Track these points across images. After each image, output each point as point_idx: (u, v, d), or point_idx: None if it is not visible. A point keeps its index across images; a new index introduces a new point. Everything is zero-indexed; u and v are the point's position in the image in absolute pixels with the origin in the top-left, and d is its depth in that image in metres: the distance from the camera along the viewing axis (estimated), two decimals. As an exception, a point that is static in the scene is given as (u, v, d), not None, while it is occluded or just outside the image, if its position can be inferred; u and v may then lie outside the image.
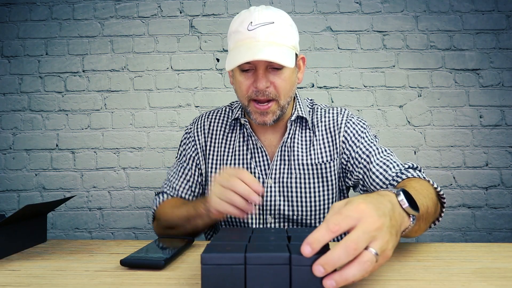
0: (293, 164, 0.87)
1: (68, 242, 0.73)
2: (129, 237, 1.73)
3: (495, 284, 0.46)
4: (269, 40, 0.74)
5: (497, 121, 1.71)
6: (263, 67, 0.77)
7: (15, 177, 1.75)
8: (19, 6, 1.78)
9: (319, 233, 0.40)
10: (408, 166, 0.79)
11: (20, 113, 1.76)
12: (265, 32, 0.74)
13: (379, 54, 1.74)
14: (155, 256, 0.55)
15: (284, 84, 0.79)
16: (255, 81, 0.77)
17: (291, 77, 0.81)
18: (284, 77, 0.79)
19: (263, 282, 0.41)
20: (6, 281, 0.50)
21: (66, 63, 1.77)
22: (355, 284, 0.46)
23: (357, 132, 0.88)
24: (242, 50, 0.74)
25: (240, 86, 0.81)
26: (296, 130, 0.90)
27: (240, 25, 0.77)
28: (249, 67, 0.78)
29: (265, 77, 0.77)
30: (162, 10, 1.78)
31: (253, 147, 0.89)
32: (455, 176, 1.70)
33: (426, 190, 0.65)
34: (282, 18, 0.78)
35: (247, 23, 0.76)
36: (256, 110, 0.80)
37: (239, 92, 0.82)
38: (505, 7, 1.73)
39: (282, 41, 0.76)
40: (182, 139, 0.99)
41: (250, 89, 0.79)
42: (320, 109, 0.94)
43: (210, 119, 0.97)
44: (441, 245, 0.68)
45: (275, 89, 0.79)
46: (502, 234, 1.68)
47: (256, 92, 0.78)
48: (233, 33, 0.79)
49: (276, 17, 0.76)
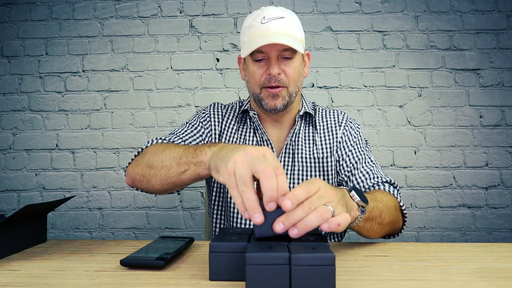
0: (296, 158, 0.92)
1: (68, 242, 0.73)
2: (129, 237, 1.73)
3: (495, 284, 0.46)
4: (281, 31, 0.82)
5: (497, 121, 1.71)
6: (275, 56, 0.84)
7: (15, 177, 1.75)
8: (19, 6, 1.78)
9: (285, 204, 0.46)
10: (386, 180, 0.86)
11: (20, 113, 1.76)
12: (277, 24, 0.83)
13: (379, 54, 1.74)
14: (155, 256, 0.55)
15: (294, 73, 0.86)
16: (268, 68, 0.84)
17: (300, 67, 0.89)
18: (294, 66, 0.86)
19: (263, 282, 0.41)
20: (6, 281, 0.50)
21: (66, 63, 1.77)
22: (355, 285, 0.47)
23: (352, 136, 0.95)
24: (257, 39, 0.82)
25: (253, 75, 0.87)
26: (302, 126, 0.96)
27: (253, 20, 0.85)
28: (262, 57, 0.85)
29: (277, 64, 0.84)
30: (162, 10, 1.78)
31: (260, 139, 0.94)
32: (455, 176, 1.70)
33: (386, 201, 0.73)
34: (291, 15, 0.87)
35: (260, 18, 0.84)
36: (267, 94, 0.86)
37: (252, 80, 0.88)
38: (505, 7, 1.73)
39: (291, 33, 0.84)
40: (196, 115, 0.99)
41: (263, 77, 0.86)
42: (321, 110, 1.01)
43: (224, 109, 1.01)
44: (441, 245, 0.68)
45: (286, 77, 0.86)
46: (502, 234, 1.68)
47: (269, 79, 0.85)
48: (247, 28, 0.86)
49: (286, 14, 0.86)
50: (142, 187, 0.79)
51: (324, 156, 0.92)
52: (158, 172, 0.71)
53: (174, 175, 0.68)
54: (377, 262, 0.57)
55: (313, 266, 0.42)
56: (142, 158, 0.78)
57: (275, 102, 0.86)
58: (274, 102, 0.86)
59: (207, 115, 0.98)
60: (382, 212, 0.70)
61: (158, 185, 0.73)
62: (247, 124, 0.97)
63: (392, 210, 0.74)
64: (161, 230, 1.73)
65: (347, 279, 0.48)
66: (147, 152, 0.78)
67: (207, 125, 0.96)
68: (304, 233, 0.46)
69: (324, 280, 0.41)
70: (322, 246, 0.45)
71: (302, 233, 0.46)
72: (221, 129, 0.97)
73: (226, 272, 0.47)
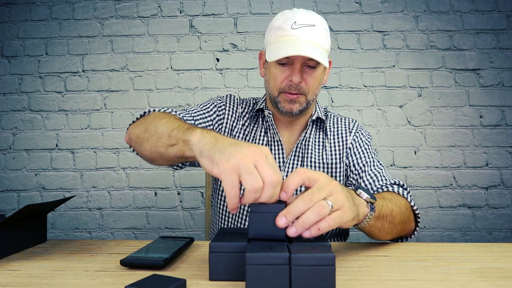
0: (306, 161, 0.92)
1: (68, 242, 0.73)
2: (129, 237, 1.73)
3: (495, 284, 0.46)
4: (310, 40, 0.81)
5: (497, 121, 1.71)
6: (299, 64, 0.83)
7: (15, 177, 1.75)
8: (19, 6, 1.78)
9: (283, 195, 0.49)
10: (393, 182, 0.85)
11: (20, 113, 1.76)
12: (307, 32, 0.82)
13: (379, 54, 1.74)
14: (155, 256, 0.55)
15: (314, 82, 0.87)
16: (290, 75, 0.84)
17: (321, 76, 0.89)
18: (315, 75, 0.86)
19: (263, 282, 0.41)
20: (6, 281, 0.50)
21: (66, 63, 1.77)
22: (355, 285, 0.47)
23: (363, 142, 0.96)
24: (285, 45, 0.81)
25: (275, 77, 0.87)
26: (313, 130, 0.96)
27: (284, 22, 0.84)
28: (286, 62, 0.84)
29: (300, 72, 0.84)
30: (162, 10, 1.78)
31: (271, 139, 0.94)
32: (455, 176, 1.70)
33: (395, 200, 0.72)
34: (321, 22, 0.86)
35: (291, 22, 0.83)
36: (285, 98, 0.87)
37: (272, 83, 0.88)
38: (505, 7, 1.73)
39: (320, 43, 0.83)
40: (210, 100, 0.98)
41: (284, 82, 0.86)
42: (333, 117, 1.01)
43: (240, 104, 1.00)
44: (441, 245, 0.68)
45: (306, 85, 0.86)
46: (502, 234, 1.68)
47: (290, 86, 0.85)
48: (276, 28, 0.85)
49: (317, 21, 0.85)
50: (136, 148, 0.75)
51: (333, 162, 0.93)
52: (150, 138, 0.68)
53: (163, 145, 0.64)
54: (377, 262, 0.57)
55: (313, 266, 0.42)
56: (144, 120, 0.75)
57: (292, 106, 0.87)
58: (290, 106, 0.87)
59: (223, 103, 0.98)
60: (392, 210, 0.68)
61: (147, 151, 0.70)
62: (259, 122, 0.97)
63: (402, 209, 0.73)
64: (161, 230, 1.73)
65: (347, 279, 0.48)
66: (150, 116, 0.76)
67: (221, 112, 0.96)
68: (302, 231, 0.46)
69: (324, 280, 0.41)
70: (322, 246, 0.45)
71: (300, 231, 0.45)
72: (233, 122, 0.96)
73: (226, 272, 0.47)
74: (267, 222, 0.48)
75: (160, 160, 0.71)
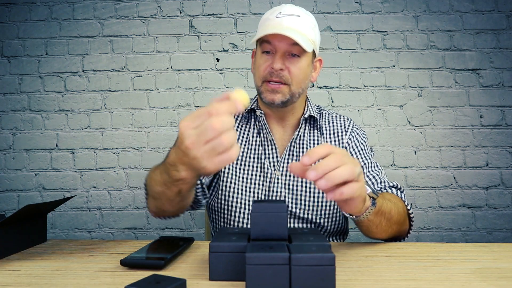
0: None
1: (68, 242, 0.73)
2: (129, 237, 1.73)
3: (495, 284, 0.46)
4: (293, 27, 0.82)
5: (497, 121, 1.71)
6: (282, 50, 0.83)
7: (15, 177, 1.75)
8: (19, 6, 1.78)
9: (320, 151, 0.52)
10: (392, 185, 0.87)
11: (20, 113, 1.76)
12: (291, 20, 0.83)
13: (379, 54, 1.74)
14: (155, 256, 0.55)
15: (298, 72, 0.85)
16: (272, 62, 0.84)
17: (306, 69, 0.87)
18: (299, 65, 0.85)
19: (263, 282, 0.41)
20: (6, 281, 0.50)
21: (66, 63, 1.77)
22: (355, 285, 0.47)
23: (359, 141, 0.96)
24: (267, 30, 0.82)
25: (258, 66, 0.87)
26: (306, 129, 0.95)
27: (270, 14, 0.86)
28: (270, 49, 0.85)
29: (282, 59, 0.84)
30: (162, 10, 1.78)
31: (264, 139, 0.93)
32: (455, 176, 1.70)
33: (395, 201, 0.75)
34: (307, 15, 0.87)
35: (276, 13, 0.85)
36: (267, 88, 0.86)
37: (257, 73, 0.88)
38: (505, 7, 1.73)
39: (303, 31, 0.83)
40: None
41: (266, 70, 0.85)
42: (328, 114, 1.01)
43: None
44: (441, 245, 0.68)
45: (289, 74, 0.85)
46: (502, 234, 1.68)
47: (271, 73, 0.84)
48: (263, 21, 0.88)
49: (302, 13, 0.86)
50: (165, 215, 0.78)
51: None
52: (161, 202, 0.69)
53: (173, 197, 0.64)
54: (377, 262, 0.57)
55: (313, 266, 0.42)
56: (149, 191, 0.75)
57: (274, 96, 0.86)
58: (272, 96, 0.86)
59: None
60: (391, 209, 0.71)
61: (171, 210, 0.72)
62: (251, 123, 0.96)
63: (400, 210, 0.75)
64: (161, 230, 1.73)
65: (347, 279, 0.48)
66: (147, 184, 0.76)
67: None
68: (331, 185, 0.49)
69: (324, 280, 0.41)
70: (322, 246, 0.45)
71: (330, 185, 0.49)
72: None
73: (226, 272, 0.47)
74: (269, 222, 0.48)
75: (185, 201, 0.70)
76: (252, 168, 0.90)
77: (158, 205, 0.72)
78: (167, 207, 0.70)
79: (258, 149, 0.92)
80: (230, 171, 0.90)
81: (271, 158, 0.91)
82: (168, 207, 0.70)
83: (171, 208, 0.71)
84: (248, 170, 0.90)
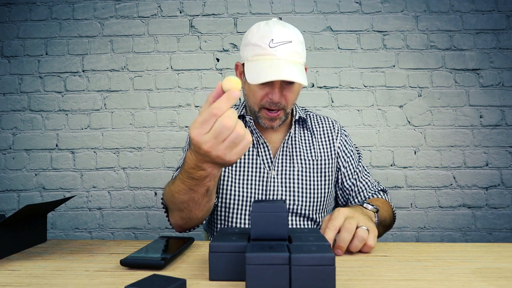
0: (295, 158, 0.94)
1: (68, 242, 0.73)
2: (129, 237, 1.73)
3: (495, 284, 0.46)
4: (288, 59, 0.81)
5: (497, 121, 1.71)
6: (279, 83, 0.85)
7: (15, 177, 1.75)
8: (19, 6, 1.78)
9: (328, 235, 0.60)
10: (380, 188, 1.00)
11: (20, 113, 1.76)
12: (285, 51, 0.81)
13: (379, 54, 1.74)
14: (155, 256, 0.55)
15: (293, 97, 0.90)
16: (270, 93, 0.86)
17: (298, 88, 0.91)
18: (294, 90, 0.88)
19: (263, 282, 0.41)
20: (6, 281, 0.50)
21: (66, 63, 1.77)
22: (355, 285, 0.47)
23: (348, 144, 1.02)
24: (264, 66, 0.80)
25: (254, 94, 0.88)
26: (297, 130, 0.99)
27: (261, 39, 0.82)
28: None
29: (280, 91, 0.86)
30: (162, 10, 1.78)
31: (256, 142, 0.95)
32: (455, 176, 1.70)
33: (386, 207, 0.89)
34: (297, 36, 0.85)
35: (268, 40, 0.82)
36: (266, 116, 0.89)
37: (252, 99, 0.90)
38: (505, 7, 1.73)
39: (298, 60, 0.83)
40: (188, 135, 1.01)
41: (264, 99, 0.87)
42: (314, 115, 1.05)
43: None
44: (441, 245, 0.68)
45: (286, 101, 0.88)
46: (502, 234, 1.68)
47: (270, 103, 0.87)
48: (253, 45, 0.84)
49: (292, 35, 0.84)
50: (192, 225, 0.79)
51: (322, 158, 0.97)
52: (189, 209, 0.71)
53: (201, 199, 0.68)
54: (377, 262, 0.57)
55: (313, 266, 0.41)
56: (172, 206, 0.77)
57: (272, 123, 0.90)
58: (271, 123, 0.90)
59: None
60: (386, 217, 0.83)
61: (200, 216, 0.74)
62: None
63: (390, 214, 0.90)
64: (161, 230, 1.73)
65: (347, 279, 0.48)
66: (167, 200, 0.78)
67: None
68: None
69: (324, 280, 0.41)
70: (322, 246, 0.45)
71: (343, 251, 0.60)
72: None
73: (226, 272, 0.47)
74: (269, 222, 0.48)
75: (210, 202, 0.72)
76: (248, 169, 0.93)
77: (184, 215, 0.73)
78: (195, 213, 0.72)
79: (252, 151, 0.95)
80: (227, 174, 0.93)
81: (265, 158, 0.94)
82: (197, 212, 0.72)
83: (200, 213, 0.73)
84: (244, 171, 0.92)
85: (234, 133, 0.52)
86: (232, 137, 0.52)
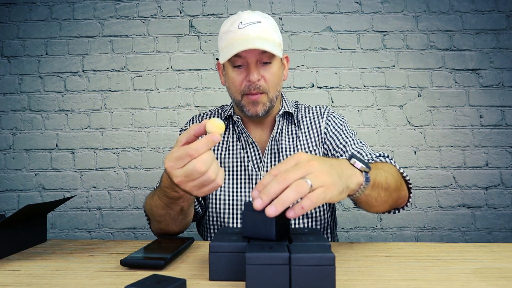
0: (282, 156, 0.93)
1: (68, 242, 0.73)
2: (129, 237, 1.73)
3: (495, 284, 0.46)
4: (259, 35, 0.82)
5: (497, 121, 1.71)
6: (254, 61, 0.84)
7: (15, 177, 1.75)
8: (19, 6, 1.78)
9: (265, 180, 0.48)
10: (379, 154, 0.84)
11: (20, 113, 1.76)
12: (255, 29, 0.82)
13: (379, 54, 1.74)
14: (155, 256, 0.55)
15: (273, 78, 0.87)
16: (247, 75, 0.84)
17: (279, 71, 0.89)
18: (273, 71, 0.86)
19: (263, 282, 0.41)
20: (6, 281, 0.50)
21: (66, 63, 1.77)
22: (355, 285, 0.47)
23: (336, 124, 0.96)
24: (235, 45, 0.81)
25: (233, 81, 0.88)
26: (283, 125, 0.97)
27: (231, 25, 0.85)
28: (241, 63, 0.85)
29: (257, 70, 0.84)
30: (162, 10, 1.78)
31: (245, 142, 0.95)
32: (455, 176, 1.70)
33: (387, 168, 0.72)
34: (268, 19, 0.87)
35: (237, 23, 0.84)
36: (248, 101, 0.87)
37: (233, 87, 0.89)
38: (505, 7, 1.73)
39: (269, 37, 0.83)
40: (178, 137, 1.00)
41: (243, 84, 0.86)
42: (304, 108, 1.02)
43: (206, 118, 1.03)
44: (441, 245, 0.68)
45: (265, 82, 0.86)
46: (502, 234, 1.68)
47: (249, 86, 0.85)
48: (224, 33, 0.86)
49: (263, 18, 0.86)
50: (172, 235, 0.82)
51: (309, 151, 0.94)
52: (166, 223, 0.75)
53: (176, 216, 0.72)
54: (377, 262, 0.57)
55: (313, 266, 0.42)
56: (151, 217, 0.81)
57: (256, 108, 0.87)
58: (255, 108, 0.87)
59: None
60: (386, 177, 0.68)
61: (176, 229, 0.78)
62: (230, 129, 0.98)
63: (395, 175, 0.73)
64: (161, 230, 1.72)
65: (347, 279, 0.48)
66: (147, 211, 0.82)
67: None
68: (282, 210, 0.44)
69: (324, 280, 0.41)
70: (322, 246, 0.46)
71: (280, 210, 0.44)
72: None
73: (226, 272, 0.47)
74: (258, 221, 0.48)
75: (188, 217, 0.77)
76: (237, 172, 0.92)
77: (162, 227, 0.77)
78: (172, 227, 0.76)
79: (240, 153, 0.95)
80: None
81: (254, 160, 0.93)
82: (173, 227, 0.76)
83: (176, 228, 0.77)
84: (234, 175, 0.92)
85: (205, 177, 0.54)
86: (202, 180, 0.54)
